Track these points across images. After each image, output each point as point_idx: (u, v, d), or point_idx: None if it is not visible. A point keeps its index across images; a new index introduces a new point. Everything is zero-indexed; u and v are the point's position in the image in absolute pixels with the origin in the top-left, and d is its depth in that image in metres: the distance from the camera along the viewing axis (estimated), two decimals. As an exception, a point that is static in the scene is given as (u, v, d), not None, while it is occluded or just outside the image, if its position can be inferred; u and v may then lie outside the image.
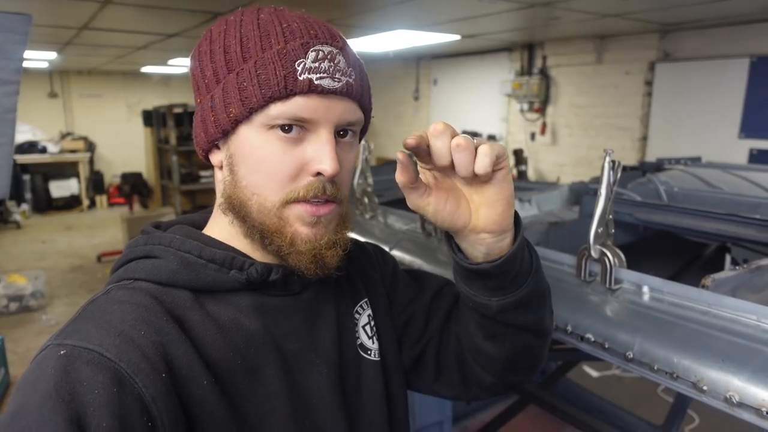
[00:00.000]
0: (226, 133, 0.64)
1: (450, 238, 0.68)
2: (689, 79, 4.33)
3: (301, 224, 0.63)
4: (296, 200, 0.62)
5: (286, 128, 0.61)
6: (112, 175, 9.09)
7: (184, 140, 6.40)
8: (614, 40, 4.85)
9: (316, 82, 0.60)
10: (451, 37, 4.85)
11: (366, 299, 0.80)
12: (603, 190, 0.95)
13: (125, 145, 9.04)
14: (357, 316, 0.78)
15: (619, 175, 0.97)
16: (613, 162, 0.95)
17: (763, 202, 1.48)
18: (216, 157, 0.67)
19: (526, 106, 5.68)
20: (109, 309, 0.58)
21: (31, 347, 3.82)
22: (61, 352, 0.52)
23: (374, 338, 0.79)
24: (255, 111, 0.61)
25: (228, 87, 0.61)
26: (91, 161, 8.82)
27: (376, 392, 0.76)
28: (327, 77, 0.61)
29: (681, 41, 4.41)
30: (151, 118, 7.21)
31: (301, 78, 0.59)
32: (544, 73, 5.47)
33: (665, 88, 4.52)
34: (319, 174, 0.62)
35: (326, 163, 0.61)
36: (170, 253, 0.64)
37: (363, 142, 1.65)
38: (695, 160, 2.17)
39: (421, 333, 0.82)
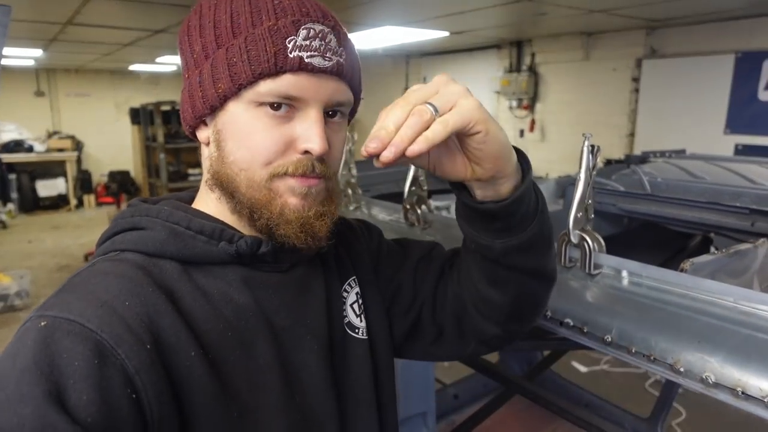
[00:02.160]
0: (214, 109, 0.63)
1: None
2: (676, 75, 4.36)
3: (290, 195, 0.63)
4: (284, 174, 0.62)
5: (275, 106, 0.61)
6: (100, 175, 9.00)
7: (171, 138, 6.36)
8: (601, 37, 4.87)
9: (306, 60, 0.60)
10: (439, 34, 4.85)
11: (354, 277, 0.80)
12: (582, 175, 0.95)
13: (113, 144, 8.95)
14: (345, 294, 0.77)
15: (598, 159, 0.97)
16: (592, 146, 0.95)
17: (744, 191, 1.49)
18: (203, 134, 0.67)
19: (514, 103, 5.69)
20: (93, 281, 0.57)
21: (15, 347, 3.77)
22: (42, 324, 0.51)
23: (362, 316, 0.78)
24: (244, 87, 0.60)
25: (217, 62, 0.61)
26: (79, 160, 8.73)
27: (364, 371, 0.75)
28: (318, 56, 0.60)
29: (667, 38, 4.44)
30: (138, 115, 7.15)
31: (291, 55, 0.59)
32: (532, 70, 5.49)
33: (652, 85, 4.55)
34: (307, 152, 0.62)
35: (314, 142, 0.61)
36: (158, 224, 0.63)
37: (346, 133, 1.63)
38: (679, 152, 2.18)
39: (412, 300, 0.82)
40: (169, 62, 7.15)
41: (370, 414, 0.75)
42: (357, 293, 0.79)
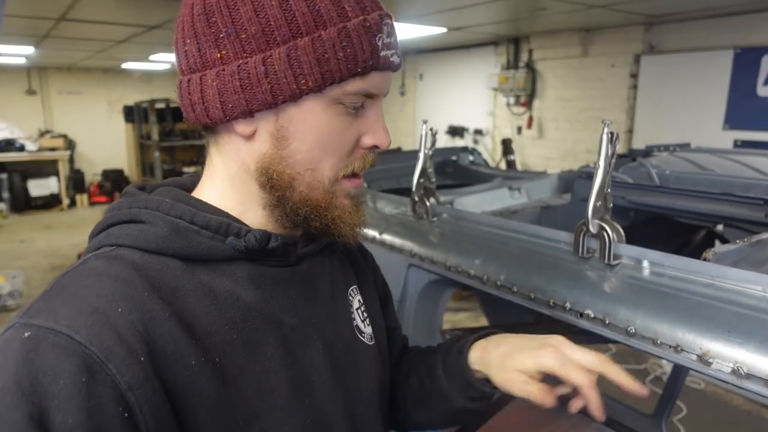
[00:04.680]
0: (284, 102, 0.57)
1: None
2: (674, 71, 4.36)
3: (345, 198, 0.63)
4: (346, 175, 0.62)
5: (354, 104, 0.59)
6: (92, 174, 8.92)
7: (166, 136, 6.30)
8: (599, 33, 4.86)
9: (390, 59, 0.60)
10: (437, 30, 4.83)
11: (355, 286, 0.77)
12: (601, 162, 0.92)
13: (106, 143, 8.87)
14: (350, 298, 0.75)
15: (617, 147, 0.94)
16: (611, 134, 0.92)
17: (755, 183, 1.47)
18: (247, 127, 0.58)
19: (512, 100, 5.67)
20: (83, 283, 0.52)
21: (9, 347, 3.72)
22: (25, 335, 0.47)
23: (366, 322, 0.76)
24: (332, 84, 0.57)
25: (299, 55, 0.54)
26: (71, 159, 8.65)
27: (374, 375, 0.73)
28: (395, 54, 0.61)
29: (665, 34, 4.43)
30: (132, 113, 7.08)
31: (381, 54, 0.58)
32: (530, 67, 5.47)
33: (650, 81, 4.54)
34: (373, 147, 0.62)
35: (382, 138, 0.62)
36: (159, 218, 0.58)
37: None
38: (684, 146, 2.16)
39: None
40: (163, 60, 7.08)
41: (377, 418, 0.74)
42: (359, 301, 0.77)
